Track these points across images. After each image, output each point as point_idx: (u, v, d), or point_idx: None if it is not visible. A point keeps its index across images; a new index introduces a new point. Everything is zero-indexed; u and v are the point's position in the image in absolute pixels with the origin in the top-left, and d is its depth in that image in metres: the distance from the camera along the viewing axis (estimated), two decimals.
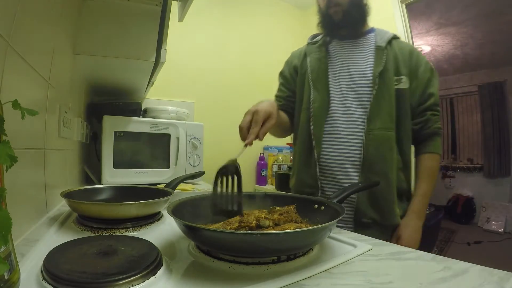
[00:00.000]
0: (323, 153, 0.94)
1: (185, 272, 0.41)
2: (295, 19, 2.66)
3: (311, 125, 0.96)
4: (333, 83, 0.96)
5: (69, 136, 0.94)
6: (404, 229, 0.88)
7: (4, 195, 0.30)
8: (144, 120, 1.37)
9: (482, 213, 3.91)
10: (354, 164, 0.90)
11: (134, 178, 1.31)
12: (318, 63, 1.00)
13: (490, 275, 0.40)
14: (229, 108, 2.29)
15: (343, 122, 0.92)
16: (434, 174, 0.94)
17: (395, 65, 0.92)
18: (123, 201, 0.62)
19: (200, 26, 2.19)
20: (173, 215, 0.45)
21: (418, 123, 0.93)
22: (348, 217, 0.89)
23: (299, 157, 1.02)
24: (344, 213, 0.50)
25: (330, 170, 0.93)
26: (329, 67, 0.99)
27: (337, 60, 0.98)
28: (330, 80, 0.97)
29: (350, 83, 0.94)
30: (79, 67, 1.00)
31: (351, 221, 0.89)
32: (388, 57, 0.91)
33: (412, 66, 0.93)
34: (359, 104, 0.91)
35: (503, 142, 3.99)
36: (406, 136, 0.92)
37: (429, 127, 0.93)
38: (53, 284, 0.34)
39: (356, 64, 0.95)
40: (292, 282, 0.37)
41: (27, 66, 0.54)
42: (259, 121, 0.70)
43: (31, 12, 0.54)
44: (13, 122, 0.37)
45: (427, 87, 0.93)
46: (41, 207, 0.67)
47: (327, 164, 0.93)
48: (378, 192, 0.86)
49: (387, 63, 0.90)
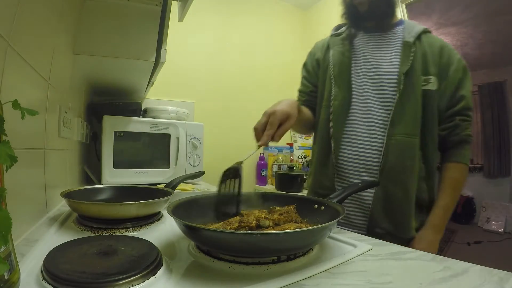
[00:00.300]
0: (341, 155, 0.87)
1: (185, 272, 0.41)
2: (295, 19, 2.65)
3: (331, 124, 0.89)
4: (356, 80, 0.89)
5: (69, 136, 0.94)
6: (418, 242, 0.79)
7: (4, 195, 0.30)
8: (144, 120, 1.37)
9: (482, 213, 3.91)
10: (371, 170, 0.83)
11: (134, 178, 1.31)
12: (341, 57, 0.92)
13: (490, 275, 0.40)
14: (229, 108, 2.29)
15: (362, 124, 0.85)
16: (459, 186, 0.85)
17: (423, 63, 0.83)
18: (123, 201, 0.62)
19: (200, 26, 2.19)
20: (173, 215, 0.45)
21: (445, 128, 0.84)
22: (362, 224, 0.84)
23: (317, 157, 0.95)
24: (345, 213, 0.49)
25: (346, 174, 0.86)
26: (353, 62, 0.91)
27: (361, 55, 0.90)
28: (353, 76, 0.89)
29: (373, 81, 0.86)
30: (79, 67, 1.00)
31: (365, 228, 0.84)
32: (416, 55, 0.82)
33: (443, 64, 0.83)
34: (381, 105, 0.84)
35: (503, 142, 3.99)
36: (432, 142, 0.83)
37: (457, 134, 0.84)
38: (53, 284, 0.34)
39: (380, 61, 0.87)
40: (292, 282, 0.37)
41: (27, 66, 0.54)
42: (275, 123, 0.67)
43: (31, 12, 0.54)
44: (13, 122, 0.37)
45: (458, 89, 0.83)
46: (41, 207, 0.67)
47: (344, 167, 0.87)
48: (395, 203, 0.80)
49: (414, 61, 0.82)
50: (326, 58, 0.97)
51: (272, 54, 2.48)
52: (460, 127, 0.84)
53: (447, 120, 0.85)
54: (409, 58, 0.82)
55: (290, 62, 2.51)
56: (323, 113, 0.93)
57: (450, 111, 0.84)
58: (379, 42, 0.90)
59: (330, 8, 2.39)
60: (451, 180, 0.85)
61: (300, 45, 2.60)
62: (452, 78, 0.83)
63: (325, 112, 0.92)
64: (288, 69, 2.47)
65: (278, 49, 2.52)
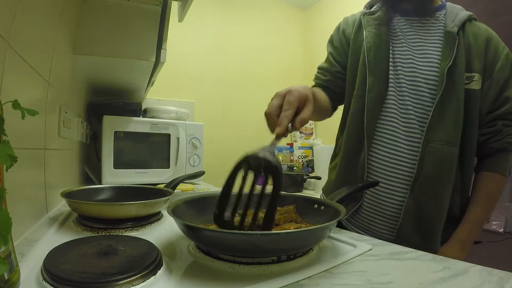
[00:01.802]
0: (372, 155, 0.76)
1: (185, 272, 0.41)
2: (295, 19, 2.65)
3: (365, 119, 0.76)
4: (394, 71, 0.76)
5: (69, 136, 0.94)
6: None
7: (4, 195, 0.30)
8: (144, 120, 1.37)
9: None
10: (402, 178, 0.72)
11: (134, 178, 1.31)
12: (377, 41, 0.77)
13: (490, 275, 0.40)
14: (229, 108, 2.29)
15: (401, 123, 0.73)
16: (494, 199, 0.76)
17: (466, 58, 0.71)
18: (123, 201, 0.62)
19: (200, 26, 2.19)
20: (173, 215, 0.45)
21: (484, 133, 0.74)
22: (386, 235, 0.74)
23: (343, 155, 0.82)
24: (345, 213, 0.49)
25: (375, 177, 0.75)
26: (391, 49, 0.77)
27: (397, 43, 0.77)
28: (391, 66, 0.76)
29: (409, 76, 0.74)
30: (79, 67, 1.00)
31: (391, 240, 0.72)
32: (459, 48, 0.70)
33: (489, 60, 0.72)
34: (418, 105, 0.72)
35: None
36: (471, 150, 0.73)
37: (498, 141, 0.74)
38: (53, 284, 0.33)
39: (417, 53, 0.75)
40: (292, 282, 0.37)
41: (27, 66, 0.54)
42: (294, 102, 0.52)
43: (31, 12, 0.54)
44: (13, 122, 0.37)
45: (504, 89, 0.72)
46: (41, 207, 0.67)
47: (373, 168, 0.76)
48: (427, 217, 0.71)
49: (457, 55, 0.70)
50: (358, 38, 0.82)
51: (272, 54, 2.48)
52: (502, 132, 0.74)
53: (487, 125, 0.75)
54: (452, 52, 0.70)
55: (290, 62, 2.51)
56: (355, 105, 0.79)
57: (492, 114, 0.74)
58: (418, 29, 0.77)
59: (330, 8, 2.39)
60: (486, 192, 0.75)
61: (300, 45, 2.60)
62: (498, 77, 0.72)
63: (358, 104, 0.78)
64: (288, 69, 2.47)
65: (278, 49, 2.52)
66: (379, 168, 0.75)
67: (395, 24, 0.80)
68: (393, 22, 0.80)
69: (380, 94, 0.76)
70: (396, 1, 0.79)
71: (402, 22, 0.79)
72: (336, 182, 0.83)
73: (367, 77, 0.77)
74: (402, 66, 0.75)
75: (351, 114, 0.81)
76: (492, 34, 0.76)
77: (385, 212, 0.75)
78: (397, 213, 0.73)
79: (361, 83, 0.78)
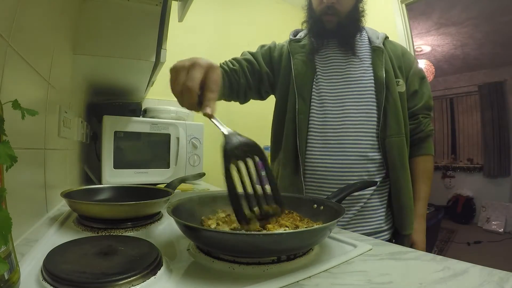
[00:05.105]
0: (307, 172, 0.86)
1: (185, 272, 0.41)
2: (295, 19, 2.65)
3: (297, 140, 0.86)
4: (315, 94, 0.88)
5: (69, 136, 0.94)
6: (416, 234, 0.87)
7: (4, 195, 0.30)
8: (144, 120, 1.37)
9: (482, 213, 3.91)
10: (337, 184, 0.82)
11: (134, 178, 1.31)
12: (304, 68, 0.90)
13: (490, 275, 0.40)
14: (229, 108, 2.29)
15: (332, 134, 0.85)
16: (431, 175, 0.94)
17: (392, 67, 0.87)
18: (123, 201, 0.62)
19: (200, 26, 2.19)
20: (173, 215, 0.45)
21: (411, 126, 0.90)
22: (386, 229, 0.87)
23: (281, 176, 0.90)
24: (345, 212, 0.49)
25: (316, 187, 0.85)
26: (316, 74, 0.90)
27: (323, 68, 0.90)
28: (314, 90, 0.88)
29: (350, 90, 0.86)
30: (79, 67, 1.00)
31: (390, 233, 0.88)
32: (386, 58, 0.87)
33: (406, 68, 0.90)
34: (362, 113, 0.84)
35: (503, 142, 3.99)
36: (407, 141, 0.88)
37: (422, 131, 0.91)
38: (53, 284, 0.34)
39: (352, 69, 0.87)
40: (292, 282, 0.37)
41: (27, 66, 0.54)
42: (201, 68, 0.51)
43: (31, 12, 0.54)
44: (13, 122, 0.37)
45: (418, 89, 0.91)
46: (41, 207, 0.67)
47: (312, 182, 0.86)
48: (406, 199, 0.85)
49: (387, 65, 0.86)
50: (286, 65, 0.93)
51: None
52: (423, 124, 0.91)
53: (411, 119, 0.90)
54: (383, 62, 0.85)
55: None
56: (289, 128, 0.89)
57: (412, 110, 0.90)
58: (344, 53, 0.90)
59: None
60: (426, 171, 0.92)
61: None
62: (412, 80, 0.90)
63: (291, 126, 0.88)
64: None
65: None
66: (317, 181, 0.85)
67: (320, 52, 0.92)
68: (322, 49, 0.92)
69: (306, 115, 0.87)
70: (324, 37, 0.91)
71: (328, 52, 0.92)
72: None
73: (297, 102, 0.88)
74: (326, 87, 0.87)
75: (285, 137, 0.90)
76: (404, 48, 0.96)
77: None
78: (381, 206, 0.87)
79: (292, 107, 0.89)
